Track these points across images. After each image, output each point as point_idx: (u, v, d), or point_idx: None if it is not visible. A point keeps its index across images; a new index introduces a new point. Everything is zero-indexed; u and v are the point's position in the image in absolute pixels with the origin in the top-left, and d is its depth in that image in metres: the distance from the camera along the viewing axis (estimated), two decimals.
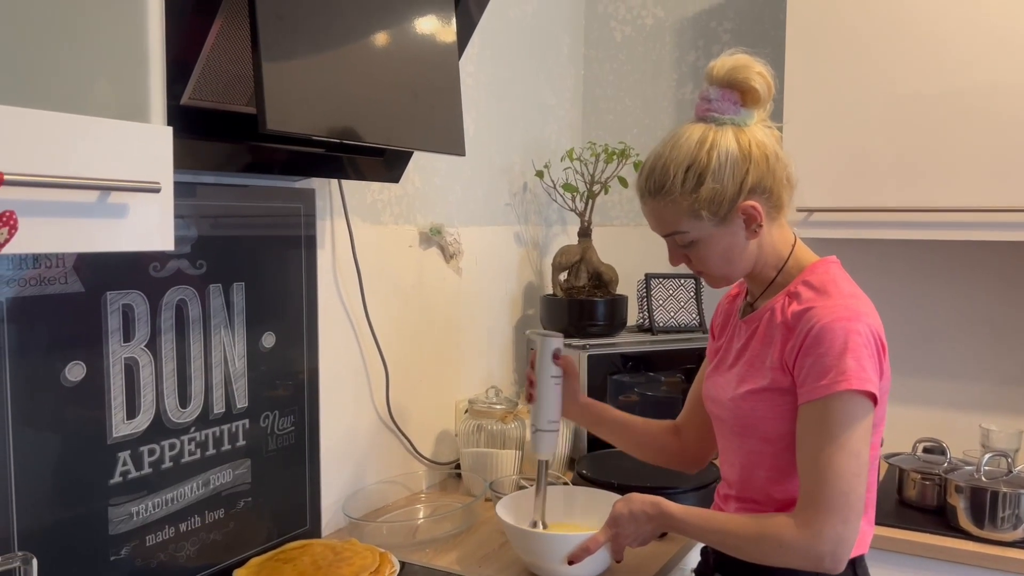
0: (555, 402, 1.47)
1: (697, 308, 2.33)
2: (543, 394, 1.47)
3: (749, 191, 1.19)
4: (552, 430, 1.47)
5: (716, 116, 1.21)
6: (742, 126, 1.21)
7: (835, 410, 1.13)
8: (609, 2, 2.61)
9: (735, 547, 1.20)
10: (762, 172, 1.19)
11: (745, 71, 1.20)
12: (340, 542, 1.50)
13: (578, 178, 2.34)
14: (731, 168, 1.18)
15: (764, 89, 1.21)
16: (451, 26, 1.45)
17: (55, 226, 0.82)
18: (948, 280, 2.17)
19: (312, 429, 1.64)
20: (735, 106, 1.21)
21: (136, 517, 1.31)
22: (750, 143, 1.19)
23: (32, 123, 0.79)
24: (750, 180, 1.19)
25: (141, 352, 1.31)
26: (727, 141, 1.19)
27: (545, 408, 1.47)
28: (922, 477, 1.83)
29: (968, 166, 1.84)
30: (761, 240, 1.24)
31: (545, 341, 1.47)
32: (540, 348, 1.47)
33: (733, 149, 1.18)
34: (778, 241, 1.26)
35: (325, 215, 1.67)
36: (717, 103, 1.20)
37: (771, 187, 1.21)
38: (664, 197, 1.21)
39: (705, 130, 1.20)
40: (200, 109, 1.28)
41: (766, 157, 1.20)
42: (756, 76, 1.21)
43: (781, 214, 1.26)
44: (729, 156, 1.18)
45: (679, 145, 1.20)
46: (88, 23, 0.94)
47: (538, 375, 1.47)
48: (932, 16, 1.87)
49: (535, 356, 1.48)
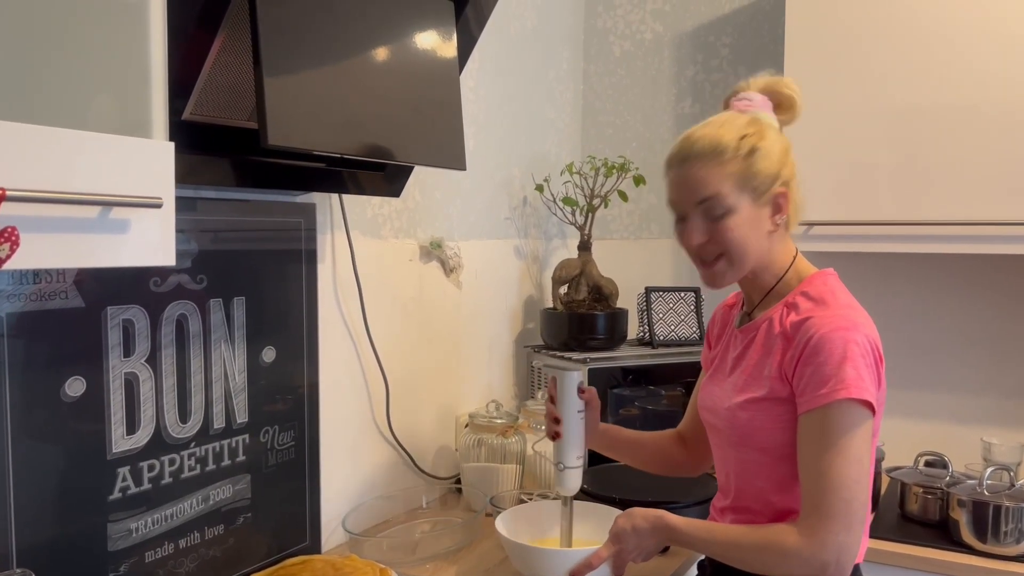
0: (581, 437, 1.44)
1: (697, 321, 2.33)
2: (570, 431, 1.42)
3: (784, 182, 1.24)
4: (579, 466, 1.44)
5: (758, 113, 1.27)
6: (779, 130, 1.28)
7: (835, 418, 1.13)
8: (608, 17, 2.62)
9: (739, 558, 1.20)
10: (792, 174, 1.26)
11: (782, 83, 1.31)
12: (340, 558, 1.49)
13: (578, 192, 2.34)
14: (778, 152, 1.24)
15: (798, 104, 1.30)
16: (452, 41, 1.46)
17: (57, 242, 0.82)
18: (949, 293, 2.17)
19: (312, 444, 1.64)
20: (769, 110, 1.29)
21: (135, 533, 1.30)
22: (788, 144, 1.27)
23: (34, 139, 0.79)
24: (786, 173, 1.25)
25: (141, 367, 1.30)
26: (773, 131, 1.26)
27: (573, 445, 1.43)
28: (924, 491, 1.82)
29: (968, 179, 1.85)
30: (772, 240, 1.26)
31: (568, 376, 1.42)
32: (563, 383, 1.42)
33: (778, 139, 1.25)
34: (782, 250, 1.29)
35: (326, 229, 1.68)
36: (758, 103, 1.28)
37: (793, 192, 1.27)
38: (714, 159, 1.21)
39: (754, 117, 1.26)
40: (201, 124, 1.28)
41: (794, 165, 1.27)
42: (792, 87, 1.31)
43: (789, 226, 1.29)
44: (776, 142, 1.25)
45: (731, 120, 1.25)
46: (90, 38, 0.95)
47: (564, 412, 1.42)
48: (931, 28, 1.88)
49: (555, 390, 1.44)
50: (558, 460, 1.44)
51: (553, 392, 1.45)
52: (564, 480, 1.44)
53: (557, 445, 1.45)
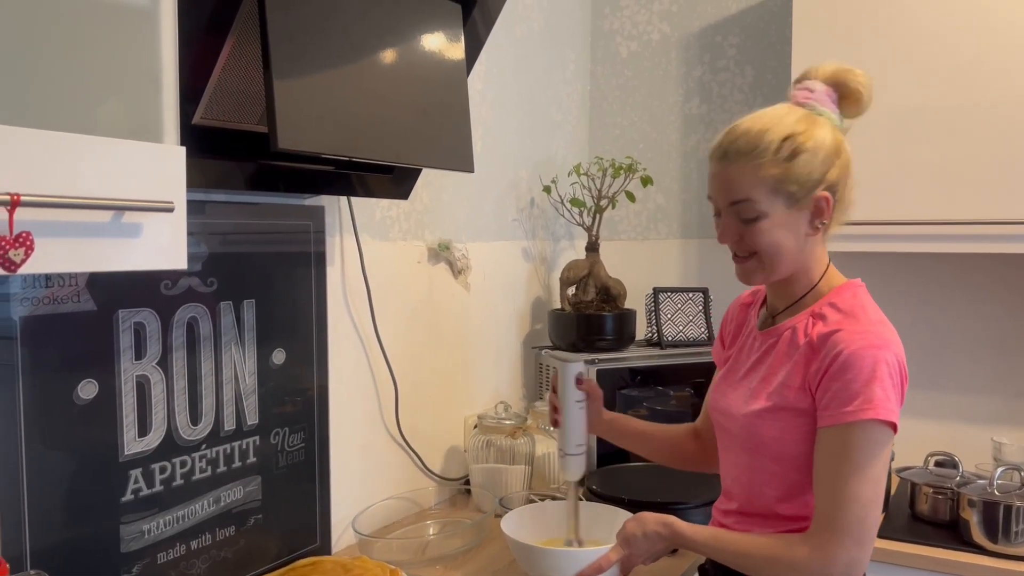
0: (580, 426, 1.48)
1: (706, 322, 2.32)
2: (568, 419, 1.48)
3: (829, 186, 1.19)
4: (579, 453, 1.48)
5: (816, 106, 1.21)
6: (837, 125, 1.21)
7: (858, 438, 1.12)
8: (615, 18, 2.62)
9: (748, 567, 1.20)
10: (842, 175, 1.20)
11: (850, 74, 1.21)
12: (350, 559, 1.50)
13: (585, 193, 2.35)
14: (824, 154, 1.17)
15: (867, 97, 1.22)
16: (459, 44, 1.46)
17: (70, 246, 0.83)
18: (960, 293, 2.16)
19: (322, 445, 1.64)
20: (832, 103, 1.22)
21: (148, 535, 1.31)
22: (841, 142, 1.20)
23: (48, 144, 0.80)
24: (832, 176, 1.18)
25: (153, 370, 1.31)
26: (824, 128, 1.19)
27: (571, 433, 1.48)
28: (934, 491, 1.82)
29: (979, 178, 1.84)
30: (812, 244, 1.22)
31: (566, 367, 1.48)
32: (562, 374, 1.48)
33: (829, 138, 1.18)
34: (817, 257, 1.25)
35: (334, 232, 1.68)
36: (819, 95, 1.21)
37: (842, 194, 1.21)
38: (751, 160, 1.17)
39: (807, 113, 1.20)
40: (211, 128, 1.29)
41: (848, 164, 1.21)
42: (860, 78, 1.21)
43: (829, 231, 1.24)
44: (824, 142, 1.18)
45: (780, 116, 1.19)
46: (102, 44, 0.96)
47: (562, 401, 1.47)
48: (940, 28, 1.87)
49: (557, 381, 1.49)
50: (559, 447, 1.50)
51: (555, 383, 1.50)
52: (566, 466, 1.50)
53: (559, 433, 1.50)
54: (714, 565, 1.33)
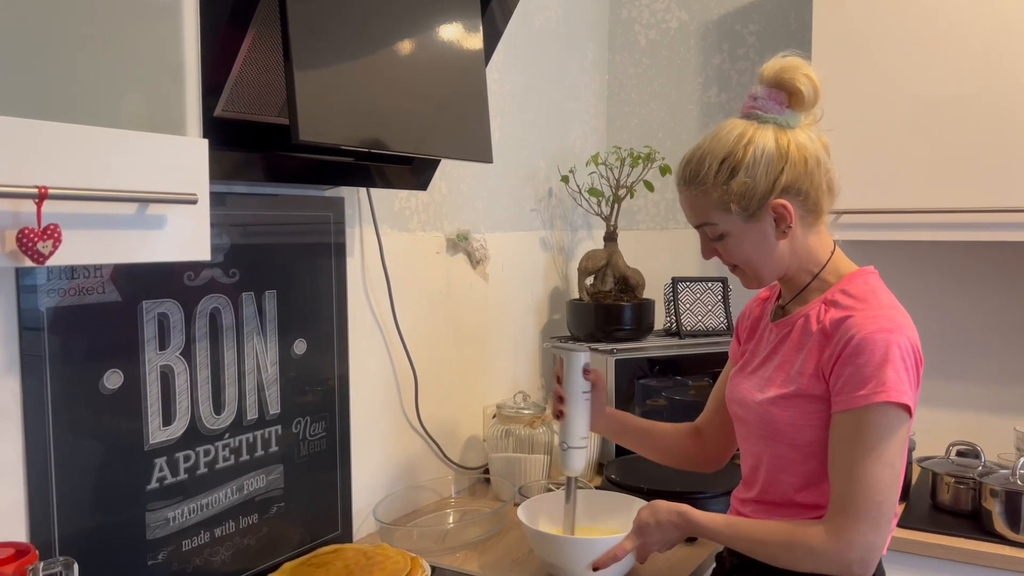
0: (586, 418, 1.46)
1: (725, 312, 2.32)
2: (574, 411, 1.45)
3: (782, 190, 1.20)
4: (583, 447, 1.46)
5: (760, 114, 1.22)
6: (785, 127, 1.22)
7: (872, 421, 1.12)
8: (633, 6, 2.61)
9: (763, 553, 1.20)
10: (798, 174, 1.20)
11: (792, 72, 1.22)
12: (371, 547, 1.51)
13: (603, 183, 2.34)
14: (765, 165, 1.19)
15: (810, 92, 1.22)
16: (478, 35, 1.46)
17: (97, 238, 0.84)
18: (982, 282, 2.14)
19: (343, 434, 1.66)
20: (780, 106, 1.22)
21: (172, 522, 1.33)
22: (789, 144, 1.20)
23: (75, 138, 0.81)
24: (784, 180, 1.19)
25: (176, 360, 1.33)
26: (765, 138, 1.20)
27: (577, 425, 1.45)
28: (956, 481, 1.81)
29: (999, 166, 1.82)
30: (794, 243, 1.24)
31: (574, 356, 1.44)
32: (569, 363, 1.44)
33: (770, 147, 1.20)
34: (815, 246, 1.26)
35: (354, 223, 1.69)
36: (762, 101, 1.22)
37: (807, 190, 1.21)
38: (697, 187, 1.22)
39: (747, 126, 1.22)
40: (232, 120, 1.30)
41: (805, 160, 1.21)
42: (803, 78, 1.21)
43: (819, 220, 1.25)
44: (765, 153, 1.19)
45: (719, 138, 1.22)
46: (126, 38, 0.97)
47: (568, 391, 1.45)
48: (961, 16, 1.85)
49: (562, 371, 1.46)
50: (562, 440, 1.47)
51: (560, 373, 1.47)
52: (568, 460, 1.46)
53: (562, 425, 1.47)
54: (731, 553, 1.33)
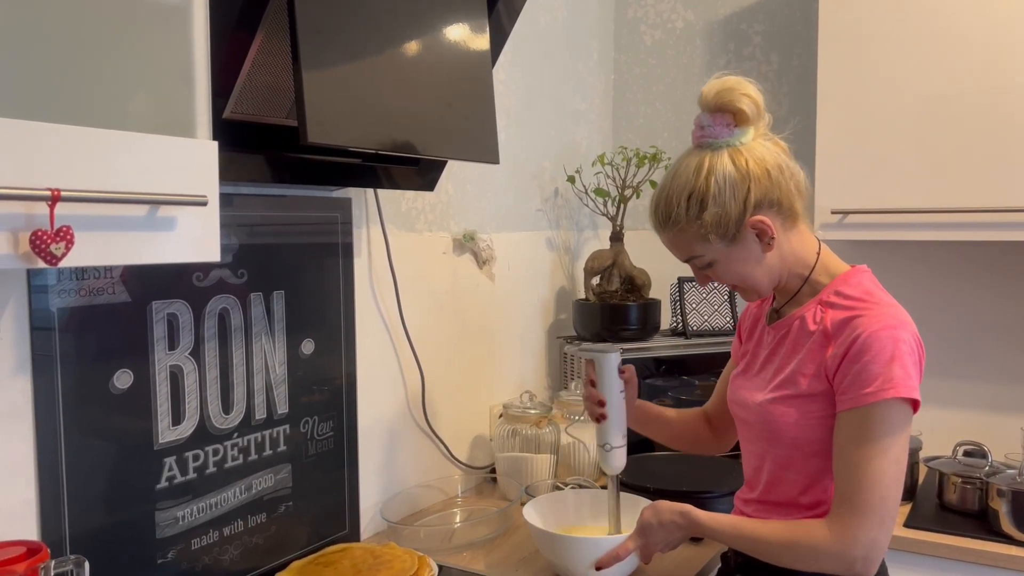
0: (624, 416, 1.46)
1: (731, 311, 2.32)
2: (615, 411, 1.44)
3: (755, 207, 1.20)
4: (624, 444, 1.46)
5: (711, 141, 1.22)
6: (738, 146, 1.21)
7: (879, 417, 1.13)
8: (639, 6, 2.61)
9: (768, 553, 1.21)
10: (765, 187, 1.20)
11: (731, 94, 1.21)
12: (379, 546, 1.52)
13: (609, 182, 2.34)
14: (731, 190, 1.19)
15: (752, 109, 1.22)
16: (484, 36, 1.47)
17: (108, 239, 0.85)
18: (988, 281, 2.14)
19: (350, 434, 1.67)
20: (728, 128, 1.22)
21: (182, 521, 1.34)
22: (747, 162, 1.20)
23: (86, 140, 0.82)
24: (753, 197, 1.19)
25: (186, 360, 1.34)
26: (723, 164, 1.20)
27: (618, 424, 1.44)
28: (963, 481, 1.81)
29: (1004, 165, 1.82)
30: (782, 251, 1.24)
31: (607, 358, 1.44)
32: (603, 365, 1.44)
33: (730, 171, 1.20)
34: (800, 249, 1.26)
35: (361, 224, 1.70)
36: (710, 128, 1.22)
37: (779, 199, 1.21)
38: (673, 227, 1.24)
39: (701, 157, 1.22)
40: (240, 122, 1.30)
41: (767, 172, 1.20)
42: (742, 98, 1.21)
43: (797, 223, 1.26)
44: (727, 179, 1.19)
45: (678, 175, 1.23)
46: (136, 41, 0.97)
47: (607, 392, 1.44)
48: (966, 16, 1.84)
49: (594, 373, 1.45)
50: (604, 441, 1.45)
51: (592, 376, 1.46)
52: (610, 460, 1.46)
53: (602, 427, 1.46)
54: (736, 553, 1.34)
